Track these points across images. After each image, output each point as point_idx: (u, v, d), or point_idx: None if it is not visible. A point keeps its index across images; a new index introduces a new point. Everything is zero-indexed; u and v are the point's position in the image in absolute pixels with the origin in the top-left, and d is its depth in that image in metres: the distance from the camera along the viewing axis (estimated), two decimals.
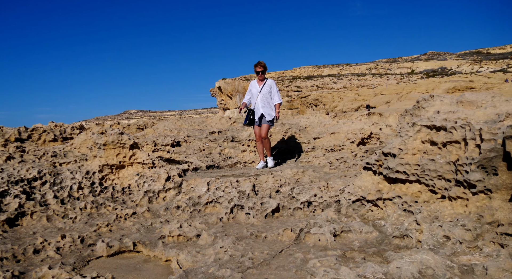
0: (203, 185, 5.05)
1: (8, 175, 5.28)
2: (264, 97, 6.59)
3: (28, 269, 3.22)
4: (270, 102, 6.60)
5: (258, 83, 6.73)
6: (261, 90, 6.61)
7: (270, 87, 6.66)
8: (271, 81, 6.74)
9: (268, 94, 6.61)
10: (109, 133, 5.85)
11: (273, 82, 6.82)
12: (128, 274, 3.20)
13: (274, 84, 6.78)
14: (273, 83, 6.76)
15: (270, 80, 6.75)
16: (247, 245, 3.42)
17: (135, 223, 4.49)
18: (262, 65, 6.60)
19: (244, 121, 6.80)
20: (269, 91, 6.63)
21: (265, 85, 6.66)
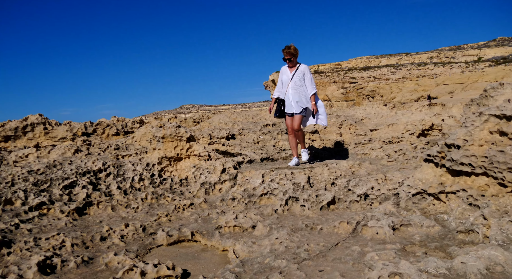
0: (257, 177, 5.08)
1: (77, 166, 5.66)
2: (295, 85, 5.91)
3: (96, 255, 3.42)
4: (303, 90, 5.91)
5: (290, 69, 6.04)
6: (292, 77, 5.93)
7: (303, 73, 5.93)
8: (304, 66, 5.99)
9: (300, 82, 5.91)
10: (167, 127, 6.05)
11: (307, 68, 6.05)
12: (187, 262, 3.30)
13: (307, 70, 6.02)
14: (306, 69, 6.00)
15: (303, 65, 6.00)
16: (303, 236, 3.39)
17: (192, 213, 4.62)
18: (288, 51, 5.84)
19: (274, 113, 6.15)
20: (301, 78, 5.92)
21: (297, 71, 5.95)
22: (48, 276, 2.95)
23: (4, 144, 9.03)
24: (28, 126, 9.23)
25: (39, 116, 9.54)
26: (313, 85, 5.90)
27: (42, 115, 9.70)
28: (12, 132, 9.05)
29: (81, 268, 3.16)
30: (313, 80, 5.95)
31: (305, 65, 6.00)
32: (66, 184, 5.11)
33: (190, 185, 5.63)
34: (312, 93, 5.88)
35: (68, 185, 5.12)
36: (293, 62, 5.94)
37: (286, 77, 6.01)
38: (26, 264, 3.00)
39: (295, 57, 5.91)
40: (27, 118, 9.45)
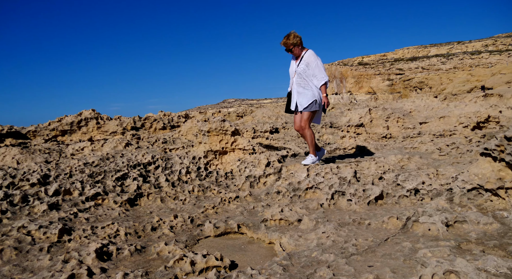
0: (302, 171, 5.05)
1: (128, 159, 5.90)
2: (299, 77, 5.18)
3: (147, 244, 3.56)
4: (308, 83, 5.14)
5: (295, 60, 5.31)
6: (296, 69, 5.24)
7: (306, 63, 5.10)
8: (308, 54, 5.16)
9: (305, 73, 5.12)
10: (212, 121, 6.16)
11: (312, 54, 5.16)
12: (234, 254, 3.35)
13: (313, 58, 5.13)
14: (311, 57, 5.13)
15: (308, 52, 5.18)
16: (350, 231, 3.34)
17: (238, 206, 4.68)
18: (285, 42, 5.14)
19: (285, 108, 5.61)
20: (305, 69, 5.12)
21: (301, 61, 5.17)
22: (105, 262, 3.11)
23: (61, 137, 9.58)
24: (83, 121, 9.73)
25: (92, 111, 10.03)
26: (321, 74, 5.05)
27: (94, 110, 10.18)
28: (68, 126, 9.57)
29: (135, 256, 3.30)
30: (321, 68, 5.07)
31: (310, 52, 5.17)
32: (119, 176, 5.34)
33: (235, 178, 5.71)
34: (321, 83, 5.06)
35: (120, 177, 5.36)
36: (296, 52, 5.20)
37: (291, 70, 5.35)
38: (85, 251, 3.18)
39: (296, 46, 5.15)
40: (82, 113, 9.96)
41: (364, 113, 7.83)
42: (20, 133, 9.37)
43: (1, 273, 2.89)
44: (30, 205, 4.30)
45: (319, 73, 5.07)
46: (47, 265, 3.04)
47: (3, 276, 2.86)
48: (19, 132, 9.36)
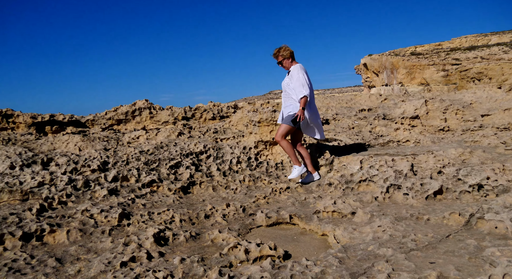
0: (355, 163, 4.94)
1: (180, 148, 6.05)
2: (284, 91, 5.11)
3: (202, 231, 3.64)
4: (291, 97, 5.01)
5: (287, 74, 5.19)
6: (283, 83, 5.18)
7: (291, 77, 5.00)
8: (294, 67, 5.02)
9: (289, 87, 5.02)
10: (263, 111, 6.15)
11: (296, 68, 4.99)
12: (287, 244, 3.35)
13: (296, 71, 4.97)
14: (294, 71, 4.98)
15: (294, 66, 5.04)
16: (408, 226, 3.22)
17: (289, 197, 4.67)
18: (275, 54, 5.08)
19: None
20: (288, 84, 5.03)
21: (287, 75, 5.11)
22: (162, 247, 3.22)
23: (117, 126, 10.01)
24: (136, 111, 10.10)
25: (145, 101, 10.38)
26: (300, 88, 4.82)
27: (147, 100, 10.53)
28: (123, 116, 9.98)
29: (190, 242, 3.39)
30: (302, 81, 4.85)
31: (296, 66, 5.03)
32: (172, 164, 5.50)
33: (286, 169, 5.68)
34: (299, 96, 4.82)
35: (174, 165, 5.51)
36: (285, 65, 5.11)
37: (283, 83, 5.21)
38: (143, 235, 3.31)
39: (286, 59, 5.07)
40: (135, 103, 10.34)
41: (419, 105, 7.50)
42: (79, 121, 9.90)
43: (69, 252, 3.07)
44: (92, 190, 4.54)
45: (298, 87, 4.86)
46: (109, 247, 3.19)
47: (70, 255, 3.04)
48: (78, 121, 9.89)
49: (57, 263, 2.89)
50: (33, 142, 6.46)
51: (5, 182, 4.43)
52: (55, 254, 3.05)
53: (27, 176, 4.65)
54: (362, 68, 54.14)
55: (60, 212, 3.89)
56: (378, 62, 49.63)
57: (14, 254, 2.98)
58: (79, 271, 2.79)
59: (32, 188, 4.41)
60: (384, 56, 49.52)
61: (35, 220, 3.54)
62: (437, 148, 5.42)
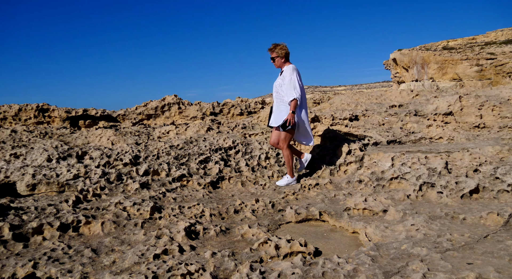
0: (386, 160, 4.84)
1: (210, 143, 6.10)
2: (276, 93, 4.95)
3: (231, 226, 3.66)
4: (283, 99, 4.86)
5: (280, 74, 5.04)
6: (275, 83, 5.03)
7: (283, 78, 4.86)
8: (287, 68, 4.87)
9: (280, 89, 4.89)
10: None
11: (290, 69, 4.84)
12: (317, 241, 3.32)
13: (288, 73, 4.82)
14: (287, 72, 4.84)
15: (288, 67, 4.89)
16: (443, 225, 3.14)
17: (318, 193, 4.63)
18: (271, 49, 4.91)
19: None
20: (280, 85, 4.89)
21: (280, 76, 4.95)
22: (193, 240, 3.26)
23: (146, 121, 10.21)
24: (166, 106, 10.26)
25: (174, 97, 10.52)
26: (291, 91, 4.71)
27: (176, 96, 10.67)
28: (153, 111, 10.16)
29: (220, 237, 3.42)
30: (295, 83, 4.73)
31: (290, 66, 4.88)
32: (202, 159, 5.56)
33: (314, 165, 5.64)
34: (290, 99, 4.72)
35: (203, 160, 5.57)
36: (277, 64, 4.96)
37: (274, 83, 5.05)
38: (175, 228, 3.36)
39: (279, 57, 4.89)
40: (165, 99, 10.50)
41: (453, 101, 7.27)
42: (111, 116, 10.15)
43: (104, 243, 3.16)
44: (124, 183, 4.64)
45: (289, 89, 4.74)
46: (142, 239, 3.26)
47: (105, 246, 3.12)
48: (110, 116, 10.15)
49: (93, 253, 2.97)
50: (68, 135, 6.67)
51: (43, 174, 4.59)
52: (90, 245, 3.14)
53: (63, 168, 4.81)
54: (391, 63, 52.94)
55: (95, 204, 4.00)
56: (408, 57, 48.41)
57: (52, 244, 3.09)
58: (113, 262, 2.87)
59: (68, 180, 4.56)
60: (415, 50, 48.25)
61: (72, 212, 3.65)
62: (472, 145, 5.24)
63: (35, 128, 7.41)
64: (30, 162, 5.07)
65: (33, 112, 8.98)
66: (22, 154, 5.26)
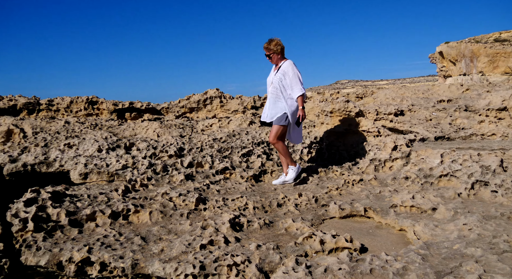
0: (435, 156, 4.67)
1: (252, 137, 6.13)
2: (274, 89, 4.78)
3: (274, 220, 3.67)
4: (282, 95, 4.73)
5: (275, 67, 4.93)
6: (273, 79, 4.85)
7: (283, 73, 4.74)
8: (287, 64, 4.77)
9: (280, 84, 4.73)
10: (336, 101, 6.02)
11: (290, 65, 4.77)
12: (363, 237, 3.26)
13: (290, 68, 4.73)
14: (288, 67, 4.74)
15: (286, 62, 4.79)
16: (498, 226, 2.99)
17: (362, 189, 4.54)
18: (265, 46, 4.79)
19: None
20: (281, 80, 4.74)
21: (278, 71, 4.81)
22: (238, 232, 3.30)
23: (189, 114, 10.41)
24: (208, 99, 10.40)
25: (216, 90, 10.64)
26: (298, 86, 4.66)
27: (218, 89, 10.78)
28: (195, 104, 10.33)
29: (264, 230, 3.44)
30: (297, 79, 4.68)
31: (288, 62, 4.79)
32: (244, 153, 5.60)
33: (358, 160, 5.53)
34: (298, 94, 4.65)
35: (246, 153, 5.61)
36: (274, 60, 4.85)
37: (269, 79, 4.94)
38: (220, 220, 3.41)
39: (275, 53, 4.78)
40: (207, 92, 10.64)
41: (508, 96, 6.87)
42: (155, 109, 10.43)
43: (152, 232, 3.26)
44: (170, 175, 4.76)
45: (296, 84, 4.67)
46: (188, 229, 3.34)
47: (153, 235, 3.22)
48: (154, 108, 10.43)
49: (142, 241, 3.08)
50: (116, 127, 6.92)
51: (94, 164, 4.80)
52: (140, 233, 3.25)
53: (113, 159, 5.00)
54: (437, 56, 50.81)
55: (143, 194, 4.14)
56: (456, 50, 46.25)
57: (104, 231, 3.22)
58: (162, 250, 2.95)
59: (117, 170, 4.73)
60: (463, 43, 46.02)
61: (121, 200, 3.79)
62: None
63: (85, 119, 7.75)
64: (82, 152, 5.31)
65: (83, 104, 9.39)
66: (75, 144, 5.52)
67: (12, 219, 3.12)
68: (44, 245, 2.88)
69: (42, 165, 4.81)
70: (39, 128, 6.32)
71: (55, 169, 4.82)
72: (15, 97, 9.20)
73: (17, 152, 5.18)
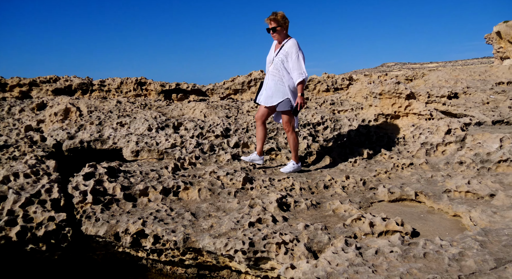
0: (494, 141, 4.42)
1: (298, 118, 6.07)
2: (275, 69, 4.32)
3: (321, 201, 3.65)
4: (284, 77, 4.30)
5: (276, 45, 4.43)
6: (274, 58, 4.37)
7: (286, 54, 4.27)
8: (291, 43, 4.27)
9: (282, 66, 4.28)
10: (386, 83, 5.82)
11: (295, 45, 4.27)
12: (414, 222, 3.17)
13: (294, 49, 4.25)
14: (293, 48, 4.25)
15: (290, 41, 4.30)
16: None
17: (413, 173, 4.40)
18: (272, 17, 4.23)
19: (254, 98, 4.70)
20: (282, 61, 4.27)
21: (281, 50, 4.32)
22: (285, 212, 3.31)
23: (233, 96, 10.47)
24: (252, 81, 10.40)
25: (260, 72, 10.61)
26: (300, 70, 4.22)
27: (263, 71, 10.74)
28: (240, 86, 10.37)
29: (311, 210, 3.43)
30: (300, 63, 4.23)
31: (293, 41, 4.30)
32: None
33: (408, 144, 5.35)
34: (298, 80, 4.22)
35: None
36: (278, 35, 4.31)
37: (269, 57, 4.47)
38: (267, 199, 3.44)
39: (281, 27, 4.26)
40: (251, 74, 10.63)
41: None
42: (200, 90, 10.59)
43: (201, 209, 3.35)
44: (217, 154, 4.84)
45: (298, 68, 4.22)
46: (235, 207, 3.39)
47: (203, 211, 3.31)
48: (200, 90, 10.59)
49: (192, 217, 3.17)
50: (165, 107, 7.10)
51: (145, 142, 4.96)
52: (189, 209, 3.35)
53: (162, 138, 5.15)
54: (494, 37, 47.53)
55: (191, 172, 4.24)
56: None
57: (157, 205, 3.35)
58: (211, 226, 3.03)
59: (166, 149, 4.87)
60: None
61: (172, 177, 3.91)
62: None
63: (135, 100, 8.01)
64: (134, 130, 5.50)
65: (132, 85, 9.69)
66: (126, 123, 5.73)
67: (73, 191, 3.31)
68: (102, 217, 3.04)
69: (97, 142, 5.04)
70: (94, 107, 6.61)
71: (109, 146, 5.03)
72: (71, 78, 9.65)
73: (74, 130, 5.45)
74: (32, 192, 3.13)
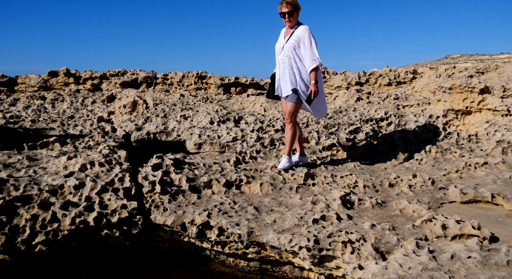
0: None
1: (360, 114, 5.90)
2: (285, 56, 4.00)
3: (387, 200, 3.51)
4: (295, 65, 3.96)
5: (286, 32, 4.12)
6: (284, 45, 4.04)
7: (298, 39, 3.94)
8: (303, 29, 3.95)
9: (293, 52, 3.95)
10: (457, 76, 5.47)
11: (306, 31, 3.95)
12: (492, 226, 2.96)
13: (306, 34, 3.92)
14: (305, 33, 3.93)
15: (302, 27, 3.98)
16: None
17: (487, 173, 4.11)
18: (288, 1, 3.89)
19: (267, 92, 4.41)
20: (295, 47, 3.95)
21: (292, 36, 4.00)
22: (349, 210, 3.23)
23: None
24: None
25: None
26: (313, 57, 3.87)
27: (322, 65, 10.55)
28: None
29: (376, 209, 3.31)
30: (314, 49, 3.90)
31: (304, 27, 3.98)
32: (351, 130, 5.42)
33: (482, 142, 5.00)
34: (311, 67, 3.87)
35: (353, 130, 5.42)
36: (291, 20, 3.96)
37: (278, 45, 4.15)
38: (330, 196, 3.37)
39: (296, 11, 3.95)
40: None
41: None
42: (259, 84, 10.62)
43: (263, 203, 3.35)
44: (277, 149, 4.82)
45: (311, 54, 3.88)
46: (298, 203, 3.36)
47: (265, 206, 3.31)
48: (258, 83, 10.62)
49: (255, 211, 3.18)
50: (225, 101, 7.21)
51: (207, 135, 5.07)
52: (252, 202, 3.37)
53: (223, 131, 5.23)
54: None
55: (253, 166, 4.26)
56: None
57: (220, 198, 3.40)
58: (274, 221, 3.02)
59: (227, 142, 4.94)
60: None
61: (234, 171, 3.96)
62: None
63: (196, 93, 8.21)
64: (196, 123, 5.64)
65: (193, 78, 9.94)
66: (189, 116, 5.89)
67: (142, 181, 3.46)
68: (169, 207, 3.14)
69: (162, 134, 5.23)
70: (159, 100, 6.87)
71: (173, 139, 5.20)
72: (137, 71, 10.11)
73: (141, 121, 5.70)
74: (106, 180, 3.31)
